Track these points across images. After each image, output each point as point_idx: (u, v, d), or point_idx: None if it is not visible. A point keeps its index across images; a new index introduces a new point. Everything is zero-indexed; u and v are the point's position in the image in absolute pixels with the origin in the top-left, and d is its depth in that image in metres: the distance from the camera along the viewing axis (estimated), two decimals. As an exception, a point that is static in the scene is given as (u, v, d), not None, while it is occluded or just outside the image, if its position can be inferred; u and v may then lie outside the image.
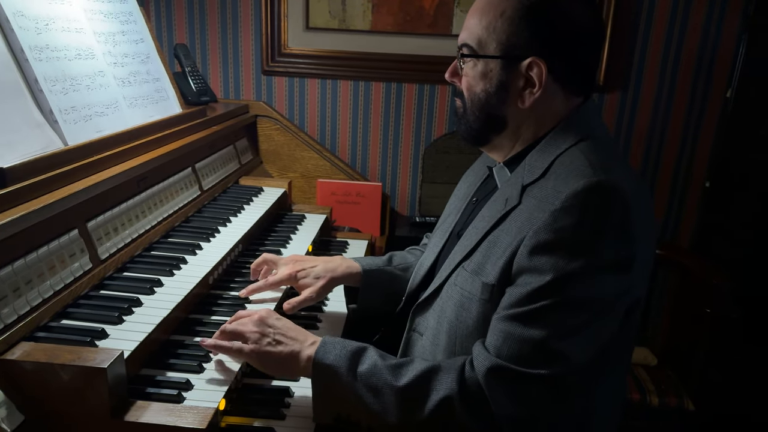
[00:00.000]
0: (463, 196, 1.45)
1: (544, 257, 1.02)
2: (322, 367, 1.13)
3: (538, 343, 1.02)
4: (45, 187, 1.20)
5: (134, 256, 1.49)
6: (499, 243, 1.12)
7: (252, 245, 1.85)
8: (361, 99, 2.75)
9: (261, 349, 1.18)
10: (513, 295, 1.06)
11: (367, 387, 1.09)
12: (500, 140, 1.24)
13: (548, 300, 1.02)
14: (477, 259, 1.16)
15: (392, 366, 1.10)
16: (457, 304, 1.17)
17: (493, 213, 1.17)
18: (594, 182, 1.02)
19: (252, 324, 1.21)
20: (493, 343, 1.07)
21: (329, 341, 1.17)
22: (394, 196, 2.86)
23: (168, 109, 1.90)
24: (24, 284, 1.11)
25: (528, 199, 1.12)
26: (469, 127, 1.23)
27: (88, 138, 1.42)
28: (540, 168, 1.14)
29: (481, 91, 1.18)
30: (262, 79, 2.75)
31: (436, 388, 1.06)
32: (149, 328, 1.20)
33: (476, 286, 1.13)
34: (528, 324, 1.03)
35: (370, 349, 1.16)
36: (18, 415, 0.98)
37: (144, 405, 1.06)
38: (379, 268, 1.54)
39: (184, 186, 1.83)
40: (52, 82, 1.36)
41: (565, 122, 1.17)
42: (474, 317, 1.14)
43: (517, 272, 1.07)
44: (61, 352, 1.03)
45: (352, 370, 1.11)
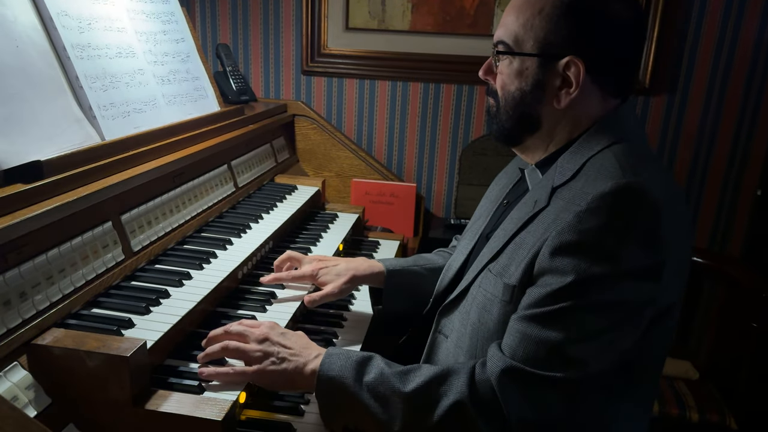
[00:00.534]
0: (495, 198, 1.43)
1: (567, 258, 1.00)
2: (326, 379, 1.11)
3: (555, 345, 0.99)
4: (80, 180, 1.25)
5: (167, 249, 1.53)
6: (525, 245, 1.10)
7: (283, 242, 1.88)
8: (398, 99, 2.75)
9: (265, 369, 1.16)
10: (532, 296, 1.04)
11: (374, 396, 1.07)
12: (533, 141, 1.21)
13: (568, 302, 0.99)
14: (502, 261, 1.14)
15: (399, 372, 1.09)
16: (480, 306, 1.16)
17: (522, 215, 1.15)
18: (622, 184, 0.99)
19: (254, 343, 1.19)
20: (509, 343, 1.04)
21: (333, 353, 1.15)
22: (429, 197, 2.84)
23: (206, 108, 1.94)
24: (57, 272, 1.15)
25: (556, 201, 1.09)
26: (502, 127, 1.21)
27: (125, 133, 1.47)
28: (571, 170, 1.11)
29: (516, 90, 1.16)
30: (301, 79, 2.78)
31: (446, 393, 1.04)
32: (174, 319, 1.23)
33: (498, 288, 1.12)
34: (546, 325, 1.00)
35: (376, 357, 1.13)
36: (45, 397, 1.02)
37: (165, 395, 1.09)
38: (403, 268, 1.53)
39: (219, 182, 1.87)
40: (92, 79, 1.41)
41: (599, 124, 1.14)
42: (495, 319, 1.12)
43: (539, 273, 1.04)
44: (87, 339, 1.07)
45: (358, 381, 1.09)
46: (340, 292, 1.49)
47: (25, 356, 1.04)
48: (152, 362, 1.17)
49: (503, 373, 1.01)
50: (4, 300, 1.02)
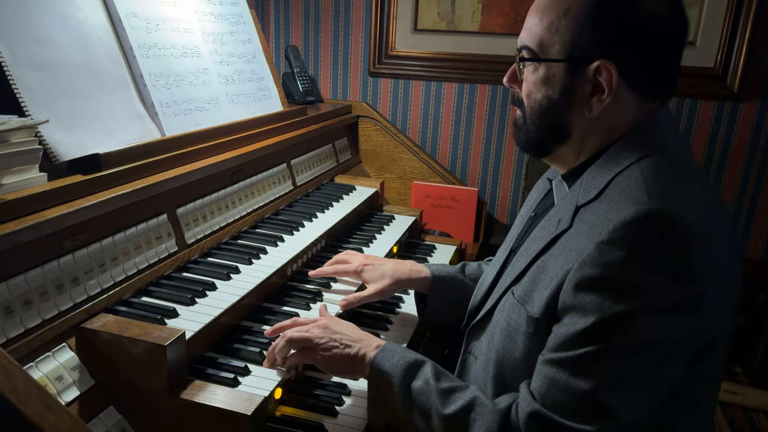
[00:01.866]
0: (528, 208, 1.35)
1: (589, 295, 0.92)
2: (378, 372, 1.13)
3: (584, 394, 0.92)
4: (137, 174, 1.31)
5: (221, 243, 1.58)
6: (547, 270, 1.02)
7: (336, 241, 1.88)
8: (465, 101, 2.69)
9: (331, 352, 1.19)
10: (558, 336, 0.96)
11: (416, 405, 1.07)
12: (563, 151, 1.12)
13: (593, 346, 0.91)
14: (525, 285, 1.07)
15: (443, 390, 1.07)
16: (504, 333, 1.10)
17: (545, 235, 1.07)
18: (646, 211, 0.89)
19: (318, 330, 1.23)
20: (537, 388, 0.98)
21: (390, 348, 1.16)
22: (493, 202, 2.77)
23: (269, 107, 1.99)
24: (110, 261, 1.21)
25: (579, 224, 1.00)
26: (529, 137, 1.12)
27: (185, 130, 1.53)
28: (596, 188, 1.01)
29: (543, 98, 1.07)
30: (368, 80, 2.79)
31: (477, 425, 1.00)
32: (217, 312, 1.26)
33: (522, 318, 1.05)
34: (574, 372, 0.93)
35: (428, 364, 1.12)
36: (89, 379, 1.07)
37: (201, 385, 1.11)
38: (449, 276, 1.49)
39: (277, 180, 1.90)
40: (156, 77, 1.48)
41: (630, 134, 1.04)
42: (520, 350, 1.06)
43: (563, 309, 0.97)
44: (131, 326, 1.11)
45: (405, 384, 1.09)
46: (380, 293, 1.47)
47: (73, 338, 1.09)
48: (192, 353, 1.20)
49: (531, 417, 0.96)
50: (57, 284, 1.08)
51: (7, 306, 0.99)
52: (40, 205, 1.07)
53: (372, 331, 1.49)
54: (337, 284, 1.58)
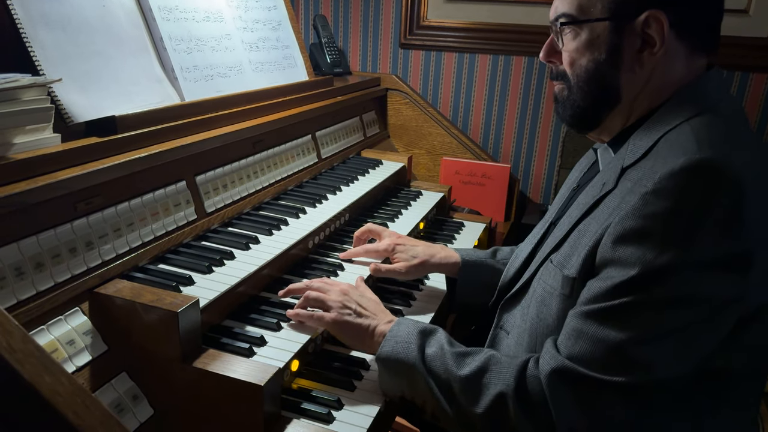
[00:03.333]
0: (571, 183, 1.30)
1: (630, 248, 0.88)
2: (392, 343, 1.11)
3: (614, 345, 0.88)
4: (154, 138, 1.28)
5: (241, 213, 1.54)
6: (587, 232, 0.98)
7: (360, 215, 1.83)
8: (499, 74, 2.59)
9: (341, 318, 1.19)
10: (592, 290, 0.93)
11: (430, 371, 1.05)
12: (612, 118, 1.08)
13: (631, 297, 0.87)
14: (564, 251, 1.03)
15: (457, 354, 1.04)
16: (538, 300, 1.07)
17: (588, 199, 1.03)
18: (695, 160, 0.84)
19: (335, 294, 1.22)
20: (564, 341, 0.95)
21: (403, 321, 1.15)
22: (526, 180, 2.67)
23: (294, 77, 1.93)
24: (125, 226, 1.18)
25: (624, 183, 0.96)
26: (577, 108, 1.07)
27: (206, 96, 1.49)
28: (642, 148, 0.97)
29: (589, 62, 1.03)
30: (399, 52, 2.71)
31: (493, 382, 0.98)
32: (234, 281, 1.22)
33: (557, 280, 1.02)
34: (605, 323, 0.89)
35: (440, 332, 1.10)
36: (102, 344, 1.05)
37: (215, 354, 1.08)
38: (479, 261, 1.44)
39: (301, 152, 1.86)
40: (176, 41, 1.44)
41: (680, 94, 1.00)
42: (554, 314, 1.02)
43: (601, 264, 0.93)
44: (145, 292, 1.08)
45: (420, 350, 1.08)
46: (406, 273, 1.43)
47: (87, 303, 1.07)
48: (208, 321, 1.17)
49: (555, 372, 0.92)
50: (70, 247, 1.06)
51: (18, 267, 0.97)
52: (53, 166, 1.05)
53: (395, 307, 1.44)
54: (360, 258, 1.54)
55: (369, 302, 1.23)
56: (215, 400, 1.05)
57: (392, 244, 1.47)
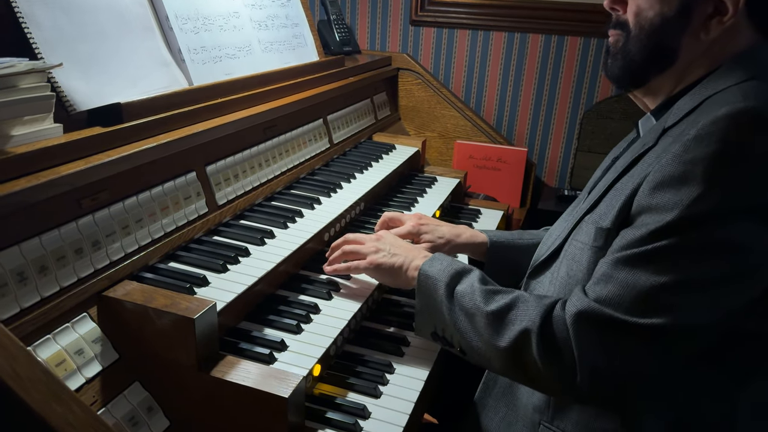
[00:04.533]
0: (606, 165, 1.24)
1: (668, 193, 0.86)
2: (424, 276, 1.13)
3: (644, 289, 0.87)
4: (163, 126, 1.18)
5: (254, 204, 1.46)
6: (625, 188, 0.95)
7: (376, 204, 1.75)
8: (514, 53, 2.49)
9: (377, 260, 1.23)
10: (626, 237, 0.91)
11: (459, 306, 1.06)
12: (661, 81, 1.03)
13: (665, 242, 0.85)
14: (601, 210, 1.00)
15: (487, 291, 1.05)
16: (570, 259, 1.04)
17: (627, 160, 1.01)
18: (740, 107, 0.82)
19: (369, 241, 1.28)
20: (593, 286, 0.93)
21: (438, 257, 1.16)
22: (541, 164, 2.58)
23: (304, 57, 1.83)
24: (134, 222, 1.10)
25: (665, 139, 0.94)
26: (629, 61, 1.03)
27: (215, 80, 1.39)
28: (685, 110, 0.94)
29: (656, 16, 0.98)
30: (409, 30, 2.60)
31: (519, 318, 0.98)
32: (251, 280, 1.15)
33: (590, 235, 1.00)
34: (636, 267, 0.88)
35: (474, 271, 1.10)
36: (112, 352, 0.98)
37: (233, 362, 1.01)
38: (507, 242, 1.40)
39: (313, 137, 1.77)
40: (183, 20, 1.34)
41: (731, 61, 0.96)
42: (584, 268, 1.00)
43: (636, 212, 0.91)
44: (157, 295, 1.01)
45: (450, 287, 1.09)
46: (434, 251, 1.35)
47: (95, 308, 1.00)
48: (224, 324, 1.10)
49: (580, 314, 0.91)
50: (76, 248, 0.98)
51: (21, 272, 0.89)
52: (56, 160, 0.96)
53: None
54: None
55: (403, 243, 1.26)
56: (235, 411, 0.98)
57: (416, 225, 1.42)
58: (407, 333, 1.29)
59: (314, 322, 1.18)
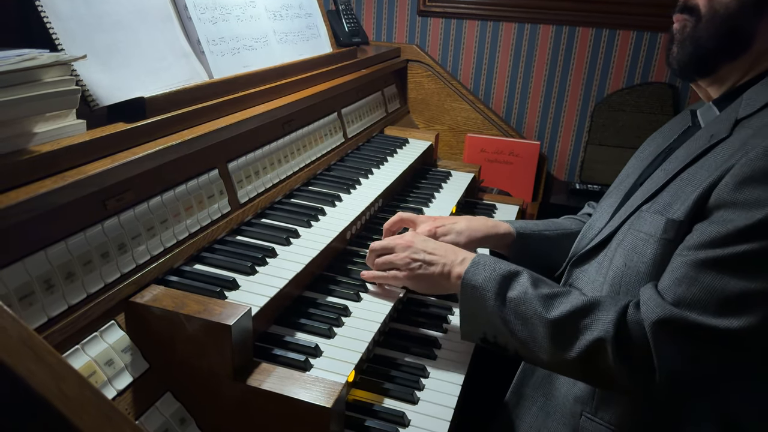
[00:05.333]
0: (649, 155, 1.21)
1: (757, 190, 0.82)
2: (470, 287, 1.06)
3: (733, 294, 0.83)
4: (187, 122, 1.13)
5: (274, 202, 1.41)
6: (696, 180, 0.92)
7: (392, 201, 1.71)
8: (524, 44, 2.44)
9: (414, 273, 1.17)
10: (706, 233, 0.87)
11: (515, 314, 1.01)
12: (729, 69, 1.01)
13: (755, 243, 0.82)
14: (664, 200, 0.97)
15: (544, 296, 0.99)
16: (628, 248, 1.00)
17: (692, 150, 0.97)
18: None
19: (401, 251, 1.20)
20: (672, 288, 0.88)
21: (480, 261, 1.09)
22: (551, 157, 2.55)
23: (318, 48, 1.77)
24: (159, 223, 1.04)
25: (742, 131, 0.91)
26: (699, 48, 0.99)
27: (234, 72, 1.33)
28: (761, 101, 0.92)
29: (732, 0, 0.94)
30: (416, 20, 2.54)
31: (590, 327, 0.93)
32: (281, 282, 1.10)
33: (657, 225, 0.95)
34: (724, 270, 0.85)
35: (523, 273, 1.04)
36: (143, 362, 0.93)
37: (268, 369, 0.96)
38: (534, 232, 1.34)
39: (328, 132, 1.71)
40: (201, 9, 1.27)
41: None
42: (648, 261, 0.96)
43: (716, 205, 0.87)
44: (188, 301, 0.95)
45: (501, 295, 1.02)
46: None
47: (122, 315, 0.94)
48: (256, 329, 1.05)
49: (661, 321, 0.87)
50: (101, 251, 0.92)
51: (47, 279, 0.83)
52: (82, 159, 0.90)
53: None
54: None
55: (435, 246, 1.18)
56: (272, 421, 0.93)
57: (432, 229, 1.33)
58: (437, 334, 1.25)
59: (346, 326, 1.14)
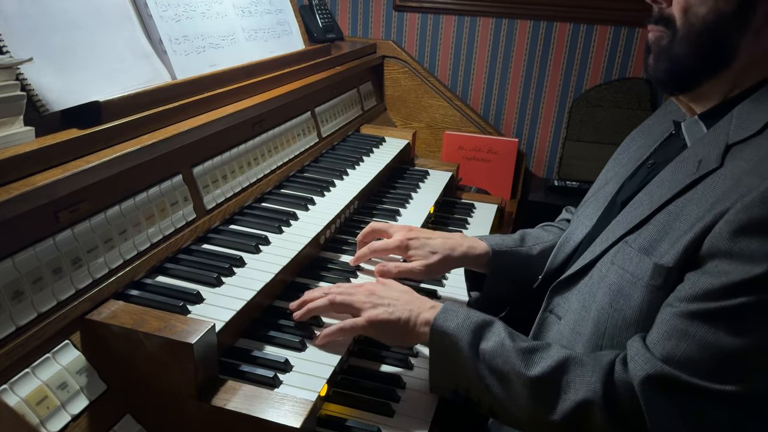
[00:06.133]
0: (630, 160, 1.16)
1: (756, 241, 0.76)
2: (440, 334, 0.98)
3: (729, 353, 0.78)
4: (147, 126, 1.07)
5: (244, 206, 1.36)
6: (684, 216, 0.86)
7: (369, 202, 1.66)
8: (502, 39, 2.41)
9: (376, 317, 1.04)
10: (699, 285, 0.81)
11: (490, 369, 0.94)
12: (713, 85, 0.94)
13: (752, 297, 0.76)
14: (649, 234, 0.90)
15: (522, 350, 0.92)
16: (613, 287, 0.93)
17: (679, 177, 0.90)
18: None
19: (362, 294, 1.08)
20: (662, 343, 0.83)
21: (451, 308, 1.01)
22: (529, 154, 2.53)
23: (290, 45, 1.72)
24: (117, 234, 0.99)
25: (735, 162, 0.84)
26: (676, 64, 0.93)
27: (200, 72, 1.28)
28: (756, 122, 0.85)
29: (710, 12, 0.88)
30: (393, 15, 2.49)
31: (574, 387, 0.87)
32: (249, 294, 1.05)
33: (644, 268, 0.88)
34: (718, 325, 0.78)
35: (497, 324, 0.97)
36: (100, 383, 0.87)
37: (234, 387, 0.91)
38: (511, 249, 1.27)
39: (302, 132, 1.66)
40: (163, 7, 1.21)
41: None
42: (635, 306, 0.90)
43: (710, 254, 0.81)
44: (148, 317, 0.90)
45: (473, 346, 0.95)
46: (426, 272, 1.24)
47: (78, 334, 0.89)
48: (222, 344, 1.00)
49: (651, 379, 0.82)
50: (53, 267, 0.86)
51: (-8, 300, 0.78)
52: (29, 169, 0.84)
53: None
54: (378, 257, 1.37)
55: (400, 293, 1.08)
56: (240, 443, 0.89)
57: (405, 240, 1.26)
58: (414, 343, 1.22)
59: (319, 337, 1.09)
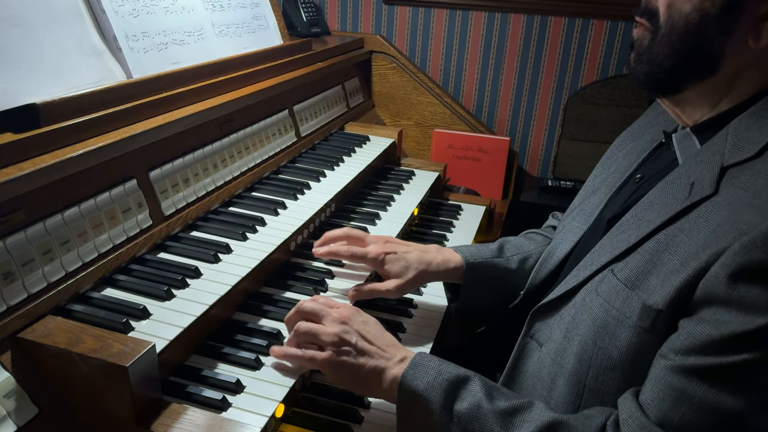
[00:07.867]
0: (618, 169, 1.09)
1: (757, 288, 0.68)
2: (409, 393, 0.88)
3: (731, 415, 0.70)
4: (94, 129, 1.01)
5: (208, 212, 1.29)
6: (674, 247, 0.77)
7: (348, 204, 1.60)
8: (495, 34, 2.33)
9: (338, 359, 0.93)
10: (696, 336, 0.72)
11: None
12: (698, 91, 0.87)
13: (754, 354, 0.68)
14: (635, 265, 0.82)
15: (502, 412, 0.83)
16: (597, 322, 0.85)
17: (669, 201, 0.82)
18: None
19: (331, 324, 0.97)
20: (657, 402, 0.75)
21: (422, 362, 0.90)
22: (523, 153, 2.45)
23: (266, 41, 1.65)
24: (59, 245, 0.93)
25: (731, 190, 0.76)
26: (656, 66, 0.86)
27: (160, 70, 1.21)
28: (754, 143, 0.77)
29: (693, 12, 0.81)
30: (383, 9, 2.42)
31: None
32: (200, 309, 0.99)
33: (632, 307, 0.80)
34: (718, 385, 0.70)
35: (474, 380, 0.87)
36: (31, 407, 0.81)
37: (178, 410, 0.86)
38: (486, 261, 1.20)
39: (277, 131, 1.60)
40: (119, 1, 1.15)
41: None
42: (622, 348, 0.81)
43: (705, 300, 0.72)
44: (85, 336, 0.84)
45: (447, 408, 0.85)
46: (400, 290, 1.17)
47: (8, 353, 0.83)
48: (169, 362, 0.94)
49: None
50: (-20, 283, 0.81)
51: None
52: (-49, 178, 0.79)
53: (393, 318, 1.24)
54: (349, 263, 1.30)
55: (376, 334, 0.97)
56: (182, 471, 0.83)
57: (381, 253, 1.19)
58: (383, 357, 1.15)
59: (276, 354, 1.03)
